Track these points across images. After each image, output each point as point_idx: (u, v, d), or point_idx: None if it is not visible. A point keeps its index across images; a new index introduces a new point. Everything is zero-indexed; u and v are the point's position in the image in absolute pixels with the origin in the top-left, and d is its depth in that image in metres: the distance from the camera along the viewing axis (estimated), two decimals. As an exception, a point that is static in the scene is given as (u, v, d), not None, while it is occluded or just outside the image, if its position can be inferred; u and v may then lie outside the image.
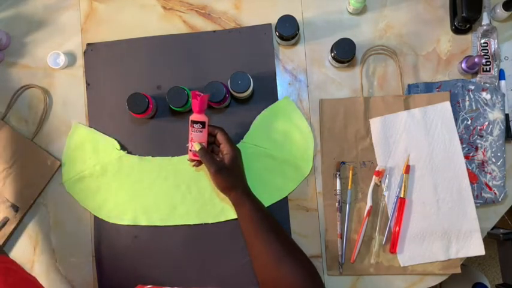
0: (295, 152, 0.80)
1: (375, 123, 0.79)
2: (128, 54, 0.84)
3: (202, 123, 0.71)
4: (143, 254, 0.81)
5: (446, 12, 0.82)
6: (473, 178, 0.77)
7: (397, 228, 0.76)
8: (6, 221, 0.82)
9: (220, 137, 0.73)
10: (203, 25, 0.84)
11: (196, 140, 0.72)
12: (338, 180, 0.78)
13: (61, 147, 0.84)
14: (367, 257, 0.78)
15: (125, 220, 0.82)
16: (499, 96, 0.78)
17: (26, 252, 0.84)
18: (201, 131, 0.71)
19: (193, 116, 0.71)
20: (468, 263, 1.49)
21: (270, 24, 0.83)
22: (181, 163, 0.81)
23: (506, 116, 0.78)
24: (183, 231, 0.81)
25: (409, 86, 0.80)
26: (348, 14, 0.83)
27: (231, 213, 0.80)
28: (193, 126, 0.71)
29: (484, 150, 0.78)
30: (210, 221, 0.80)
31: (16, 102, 0.85)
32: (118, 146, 0.82)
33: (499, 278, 1.49)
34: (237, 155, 0.73)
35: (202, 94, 0.71)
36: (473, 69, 0.77)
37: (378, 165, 0.78)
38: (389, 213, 0.77)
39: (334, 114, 0.80)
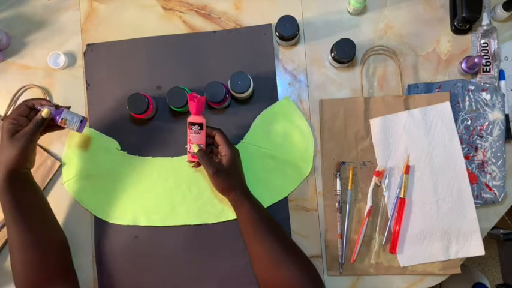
0: (295, 153, 0.80)
1: (375, 124, 0.79)
2: (128, 54, 0.84)
3: (200, 125, 0.71)
4: (143, 254, 0.81)
5: (446, 12, 0.82)
6: (473, 178, 0.77)
7: (397, 229, 0.76)
8: (6, 221, 0.82)
9: (218, 138, 0.73)
10: (203, 25, 0.84)
11: (194, 142, 0.72)
12: (338, 180, 0.78)
13: (61, 148, 0.84)
14: (367, 257, 0.78)
15: (125, 220, 0.82)
16: (499, 97, 0.78)
17: (26, 252, 0.84)
18: (199, 133, 0.71)
19: (191, 118, 0.71)
20: (468, 263, 1.49)
21: (270, 24, 0.83)
22: (182, 163, 0.81)
23: (506, 116, 0.78)
24: (183, 232, 0.81)
25: (409, 86, 0.80)
26: (348, 14, 0.83)
27: (231, 214, 0.80)
28: (191, 128, 0.71)
29: (484, 151, 0.78)
30: (210, 221, 0.80)
31: (16, 102, 0.85)
32: (118, 146, 0.82)
33: (499, 278, 1.49)
34: (235, 156, 0.73)
35: (199, 96, 0.71)
36: (473, 69, 0.77)
37: (377, 165, 0.78)
38: (389, 214, 0.77)
39: (334, 114, 0.80)
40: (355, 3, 0.78)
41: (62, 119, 0.72)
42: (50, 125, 0.72)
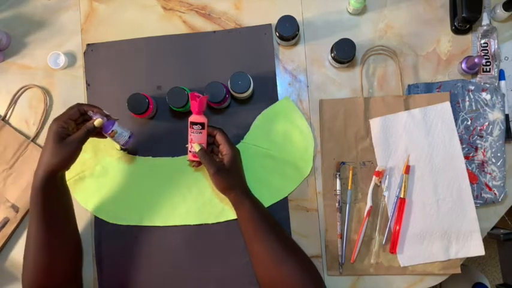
0: (295, 153, 0.80)
1: (375, 124, 0.79)
2: (128, 54, 0.84)
3: (202, 124, 0.71)
4: (143, 254, 0.81)
5: (446, 12, 0.82)
6: (473, 178, 0.77)
7: (397, 229, 0.76)
8: (6, 222, 0.82)
9: (219, 137, 0.73)
10: (203, 25, 0.84)
11: (195, 141, 0.72)
12: (338, 180, 0.78)
13: (61, 148, 0.84)
14: (367, 257, 0.78)
15: (125, 220, 0.82)
16: (499, 97, 0.78)
17: (26, 252, 0.84)
18: (200, 132, 0.71)
19: (193, 117, 0.71)
20: (468, 263, 1.49)
21: (270, 24, 0.83)
22: (182, 163, 0.81)
23: (506, 116, 0.78)
24: (183, 232, 0.81)
25: (409, 86, 0.80)
26: (348, 14, 0.83)
27: (231, 214, 0.80)
28: (192, 128, 0.71)
29: (484, 151, 0.78)
30: (210, 221, 0.80)
31: (16, 102, 0.86)
32: (118, 147, 0.82)
33: (499, 278, 1.50)
34: (236, 155, 0.73)
35: (201, 95, 0.71)
36: (473, 69, 0.77)
37: (377, 165, 0.78)
38: (389, 214, 0.77)
39: (334, 114, 0.80)
40: (355, 3, 0.78)
41: (112, 130, 0.71)
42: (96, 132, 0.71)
